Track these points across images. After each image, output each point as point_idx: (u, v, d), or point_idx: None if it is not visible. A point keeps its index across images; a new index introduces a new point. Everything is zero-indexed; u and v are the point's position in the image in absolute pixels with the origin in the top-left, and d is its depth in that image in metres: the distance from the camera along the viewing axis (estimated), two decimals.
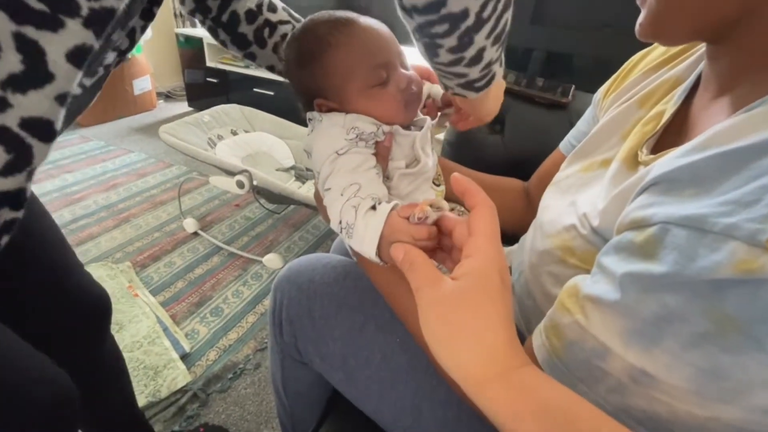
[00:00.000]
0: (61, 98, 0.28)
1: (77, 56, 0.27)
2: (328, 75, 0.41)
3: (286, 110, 1.64)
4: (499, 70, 0.38)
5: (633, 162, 0.35)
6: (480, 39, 0.32)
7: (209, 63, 2.28)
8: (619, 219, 0.27)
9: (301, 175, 1.48)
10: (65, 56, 0.26)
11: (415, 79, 0.43)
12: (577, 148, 0.47)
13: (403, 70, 0.43)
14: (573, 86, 0.73)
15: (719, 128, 0.24)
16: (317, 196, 0.47)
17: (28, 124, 0.27)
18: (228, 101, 1.64)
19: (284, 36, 0.58)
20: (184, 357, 0.98)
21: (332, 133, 0.40)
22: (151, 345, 0.98)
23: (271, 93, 2.13)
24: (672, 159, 0.25)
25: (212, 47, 2.26)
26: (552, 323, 0.30)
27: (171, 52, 2.64)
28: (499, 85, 0.43)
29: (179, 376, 0.92)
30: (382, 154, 0.41)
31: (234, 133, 1.52)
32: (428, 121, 0.46)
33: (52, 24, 0.25)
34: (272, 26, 0.57)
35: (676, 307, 0.22)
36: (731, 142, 0.23)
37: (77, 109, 0.45)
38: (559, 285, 0.37)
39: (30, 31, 0.25)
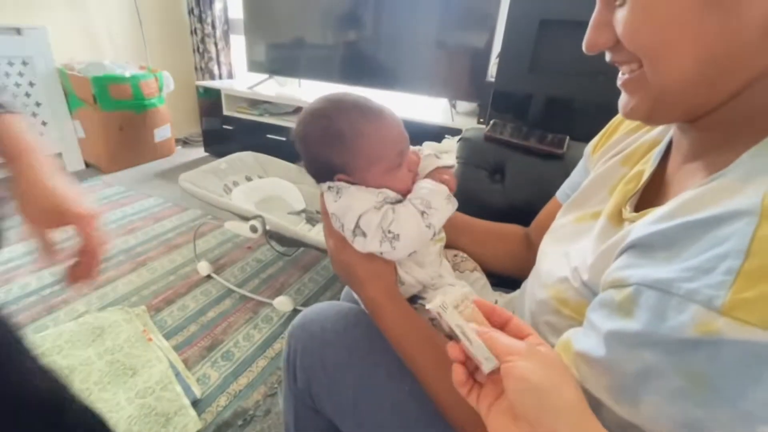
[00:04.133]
0: None
1: None
2: (355, 157, 0.47)
3: (297, 155, 1.73)
4: None
5: (618, 218, 0.38)
6: None
7: (226, 112, 2.43)
8: (603, 276, 0.30)
9: (312, 218, 1.54)
10: None
11: (417, 159, 0.50)
12: (571, 198, 0.50)
13: (410, 154, 0.49)
14: (567, 137, 0.78)
15: (685, 198, 0.28)
16: (336, 252, 0.50)
17: None
18: (242, 147, 1.74)
19: None
20: (195, 403, 0.98)
21: (364, 197, 0.46)
22: (164, 391, 0.99)
23: (283, 139, 2.24)
24: (646, 225, 0.29)
25: (229, 98, 2.42)
26: None
27: (191, 102, 2.82)
28: None
29: (190, 423, 0.92)
30: None
31: (248, 179, 1.59)
32: None
33: None
34: None
35: (653, 363, 0.24)
36: (694, 213, 0.26)
37: None
38: (556, 334, 0.39)
39: None
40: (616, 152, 0.46)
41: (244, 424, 0.95)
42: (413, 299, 0.50)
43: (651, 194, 0.38)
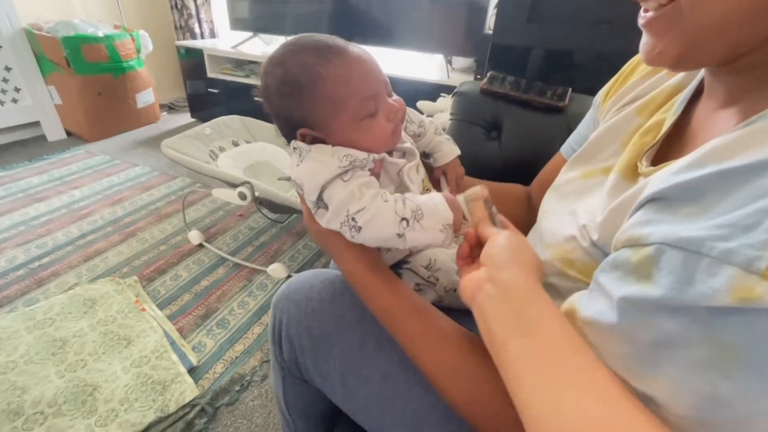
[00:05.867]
0: None
1: None
2: (316, 106, 0.41)
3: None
4: None
5: (632, 174, 0.34)
6: None
7: (210, 74, 2.31)
8: (617, 235, 0.27)
9: None
10: None
11: (400, 107, 0.43)
12: (578, 152, 0.46)
13: (389, 100, 0.43)
14: (570, 89, 0.72)
15: (717, 143, 0.23)
16: (308, 221, 0.46)
17: None
18: (230, 111, 1.65)
19: None
20: (192, 370, 0.98)
21: (324, 161, 0.40)
22: (159, 359, 0.99)
23: None
24: (668, 175, 0.25)
25: (212, 58, 2.29)
26: None
27: (172, 64, 2.67)
28: None
29: (187, 390, 0.92)
30: None
31: (235, 144, 1.53)
32: (417, 153, 0.46)
33: None
34: None
35: (674, 332, 0.21)
36: (730, 160, 0.22)
37: None
38: (559, 297, 0.37)
39: None
40: (631, 100, 0.41)
41: (242, 390, 0.95)
42: (398, 264, 0.47)
43: (671, 146, 0.34)
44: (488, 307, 0.30)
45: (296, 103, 0.41)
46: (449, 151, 0.53)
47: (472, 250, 0.38)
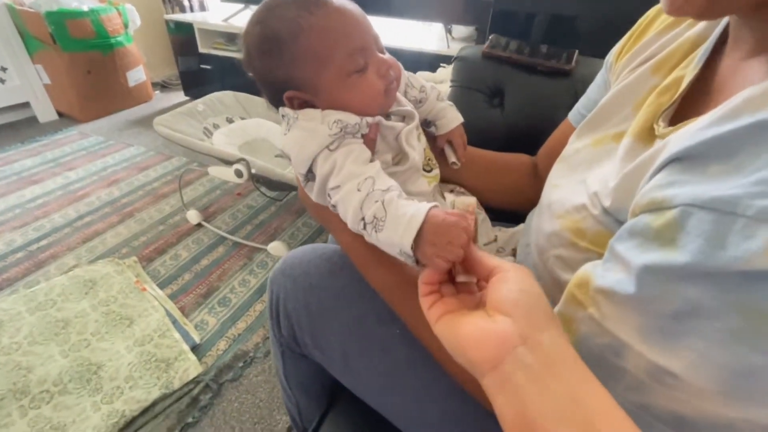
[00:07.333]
0: None
1: None
2: (300, 63, 0.38)
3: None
4: None
5: (648, 136, 0.32)
6: None
7: (201, 49, 2.23)
8: (635, 199, 0.25)
9: None
10: None
11: (393, 63, 0.40)
12: (587, 118, 0.43)
13: (380, 55, 0.40)
14: (576, 51, 0.68)
15: (750, 93, 0.21)
16: (302, 194, 0.45)
17: None
18: (224, 88, 1.60)
19: None
20: (195, 348, 0.99)
21: (313, 129, 0.37)
22: (162, 338, 0.99)
23: None
24: (696, 131, 0.22)
25: (203, 33, 2.20)
26: (562, 317, 0.28)
27: (162, 40, 2.58)
28: None
29: (191, 367, 0.93)
30: (368, 147, 0.39)
31: (230, 121, 1.49)
32: (416, 116, 0.43)
33: None
34: None
35: (701, 301, 0.19)
36: (766, 110, 0.20)
37: None
38: (569, 270, 0.35)
39: None
40: (645, 58, 0.38)
41: (245, 366, 0.96)
42: None
43: (693, 105, 0.31)
44: (528, 385, 0.22)
45: (279, 61, 0.39)
46: (453, 117, 0.50)
47: (442, 276, 0.30)
